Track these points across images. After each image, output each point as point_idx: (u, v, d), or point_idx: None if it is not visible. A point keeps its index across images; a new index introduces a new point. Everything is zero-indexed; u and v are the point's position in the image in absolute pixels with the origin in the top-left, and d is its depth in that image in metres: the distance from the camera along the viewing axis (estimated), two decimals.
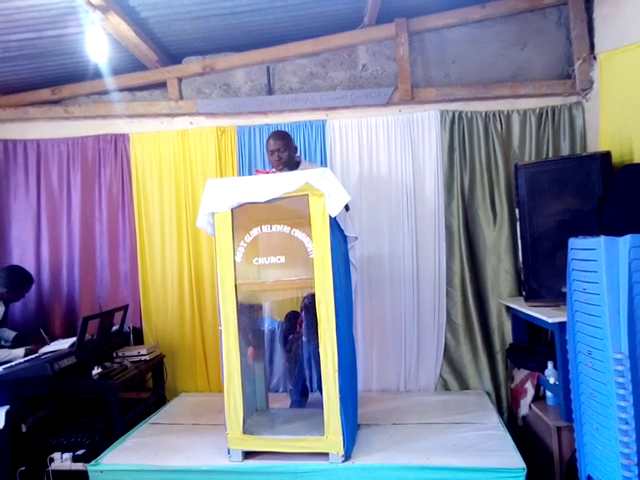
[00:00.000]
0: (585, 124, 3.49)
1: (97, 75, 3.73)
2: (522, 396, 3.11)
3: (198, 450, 2.69)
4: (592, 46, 3.44)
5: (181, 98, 3.85)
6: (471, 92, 3.59)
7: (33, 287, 3.83)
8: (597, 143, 3.28)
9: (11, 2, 2.81)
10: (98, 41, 3.07)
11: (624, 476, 1.91)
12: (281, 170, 3.08)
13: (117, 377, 3.02)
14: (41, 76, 3.79)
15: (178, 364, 3.80)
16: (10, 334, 3.51)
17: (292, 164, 3.13)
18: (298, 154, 3.28)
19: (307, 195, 2.44)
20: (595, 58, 3.39)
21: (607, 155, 2.90)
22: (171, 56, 3.82)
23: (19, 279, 3.50)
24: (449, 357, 3.59)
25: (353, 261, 2.98)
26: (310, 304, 2.66)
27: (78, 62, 3.58)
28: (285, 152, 3.07)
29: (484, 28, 3.61)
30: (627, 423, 1.91)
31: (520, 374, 3.21)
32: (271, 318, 3.19)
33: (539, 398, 3.03)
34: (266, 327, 3.12)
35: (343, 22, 3.59)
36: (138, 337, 3.73)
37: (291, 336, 3.10)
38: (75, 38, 3.25)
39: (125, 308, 3.64)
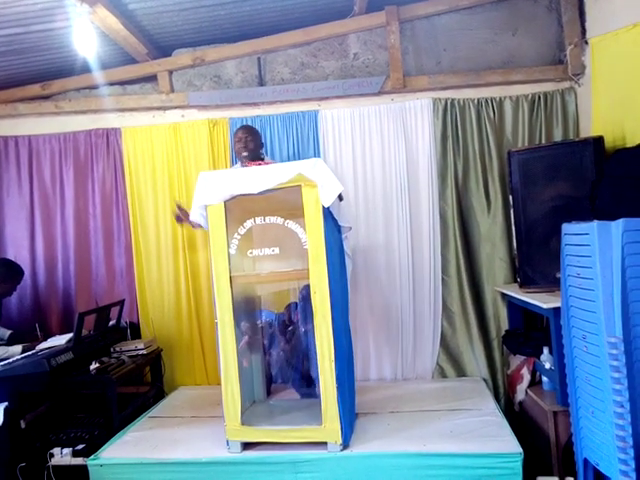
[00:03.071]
0: (578, 109, 3.49)
1: (87, 69, 3.69)
2: (518, 382, 3.13)
3: (197, 442, 2.70)
4: (583, 31, 3.42)
5: (172, 91, 3.83)
6: (463, 79, 3.58)
7: (29, 283, 3.84)
8: (590, 128, 3.28)
9: None
10: (86, 35, 3.04)
11: (620, 458, 1.93)
12: (244, 157, 3.15)
13: (115, 372, 3.02)
14: (30, 71, 3.75)
15: (176, 358, 3.81)
16: (5, 333, 3.50)
17: (256, 158, 3.17)
18: (262, 151, 3.33)
19: (300, 186, 2.43)
20: (587, 43, 3.37)
21: (600, 140, 2.89)
22: (161, 49, 3.79)
23: (8, 272, 3.48)
24: (445, 345, 3.60)
25: (348, 251, 2.99)
26: (307, 295, 2.66)
27: (67, 57, 3.55)
28: (252, 142, 3.18)
29: (474, 14, 3.59)
30: (622, 406, 1.92)
31: (516, 360, 3.23)
32: (268, 310, 3.19)
33: (535, 383, 3.04)
34: (263, 319, 3.13)
35: (333, 11, 3.56)
36: (135, 332, 3.73)
37: (290, 327, 3.10)
38: (63, 32, 3.22)
39: (121, 303, 3.64)
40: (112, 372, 3.01)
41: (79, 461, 2.75)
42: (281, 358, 3.19)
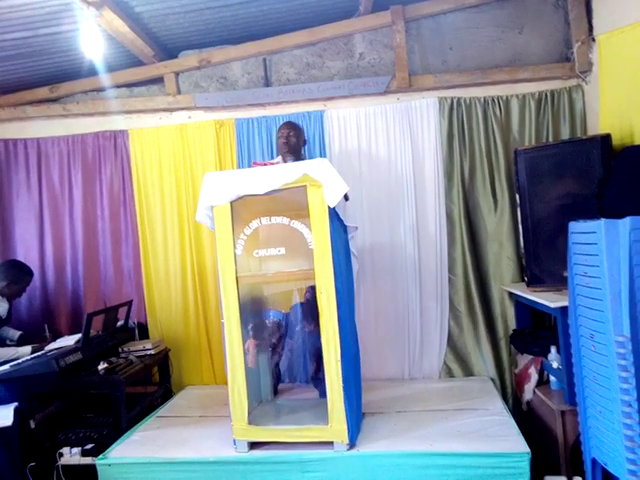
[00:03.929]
0: (585, 107, 3.46)
1: (94, 72, 3.72)
2: (526, 381, 3.12)
3: (205, 442, 2.71)
4: (591, 28, 3.39)
5: (179, 93, 3.84)
6: (469, 78, 3.56)
7: (38, 285, 3.87)
8: (597, 126, 3.25)
9: (4, 1, 2.80)
10: (93, 38, 3.06)
11: (628, 458, 1.92)
12: (286, 154, 3.12)
13: (123, 372, 3.04)
14: (38, 75, 3.79)
15: (183, 357, 3.82)
16: (15, 333, 3.54)
17: (298, 156, 3.15)
18: (305, 153, 3.32)
19: (305, 186, 2.44)
20: (594, 40, 3.35)
21: (607, 137, 2.87)
22: (167, 51, 3.81)
23: (18, 273, 3.50)
24: (453, 344, 3.59)
25: (354, 251, 2.99)
26: (312, 296, 2.67)
27: (74, 59, 3.58)
28: (294, 138, 3.16)
29: (481, 13, 3.57)
30: (630, 405, 1.91)
31: (524, 359, 3.21)
32: (276, 310, 3.19)
33: (543, 383, 3.03)
34: (271, 319, 3.14)
35: (339, 11, 3.56)
36: (143, 332, 3.76)
37: (298, 327, 3.11)
38: (70, 35, 3.25)
39: (129, 303, 3.67)
40: (120, 372, 3.03)
41: (88, 460, 2.77)
42: (288, 358, 3.21)
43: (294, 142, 3.16)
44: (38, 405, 2.93)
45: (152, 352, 3.42)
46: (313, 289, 2.57)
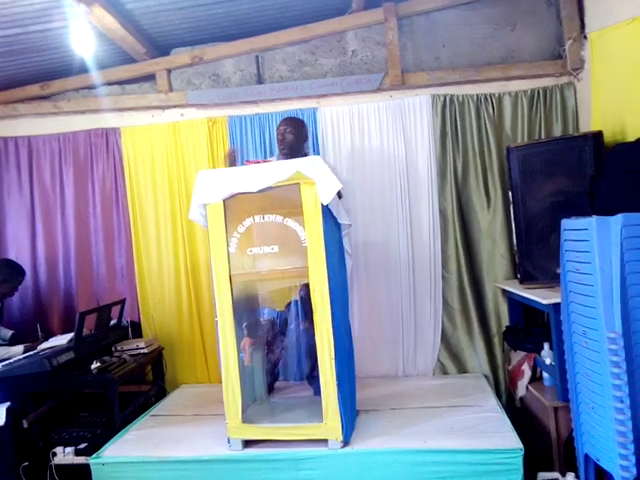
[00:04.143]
0: (577, 104, 3.47)
1: (85, 69, 3.69)
2: (519, 378, 3.13)
3: (199, 440, 2.71)
4: (582, 25, 3.40)
5: (171, 90, 3.82)
6: (462, 75, 3.57)
7: (30, 284, 3.85)
8: (589, 123, 3.27)
9: None
10: (84, 35, 3.04)
11: (620, 454, 1.93)
12: (282, 152, 3.11)
13: (116, 371, 3.03)
14: (29, 72, 3.75)
15: (177, 356, 3.81)
16: (7, 333, 3.52)
17: (297, 152, 3.12)
18: (307, 149, 3.29)
19: (299, 184, 2.44)
20: (586, 37, 3.36)
21: (599, 135, 2.89)
22: (159, 48, 3.78)
23: (10, 271, 3.48)
24: (446, 341, 3.60)
25: (347, 248, 2.98)
26: (305, 295, 2.67)
27: (65, 57, 3.55)
28: (290, 135, 3.10)
29: (473, 10, 3.58)
30: (622, 401, 1.92)
31: (517, 356, 3.23)
32: (270, 308, 3.19)
33: (536, 379, 3.04)
34: (265, 317, 3.13)
35: (331, 8, 3.55)
36: (137, 330, 3.74)
37: (292, 325, 3.10)
38: (61, 32, 3.21)
39: (122, 302, 3.65)
40: (113, 371, 3.02)
41: (81, 460, 2.76)
42: (283, 356, 3.20)
43: (291, 139, 3.12)
44: (31, 405, 2.92)
45: (145, 351, 3.41)
46: (307, 287, 2.57)
